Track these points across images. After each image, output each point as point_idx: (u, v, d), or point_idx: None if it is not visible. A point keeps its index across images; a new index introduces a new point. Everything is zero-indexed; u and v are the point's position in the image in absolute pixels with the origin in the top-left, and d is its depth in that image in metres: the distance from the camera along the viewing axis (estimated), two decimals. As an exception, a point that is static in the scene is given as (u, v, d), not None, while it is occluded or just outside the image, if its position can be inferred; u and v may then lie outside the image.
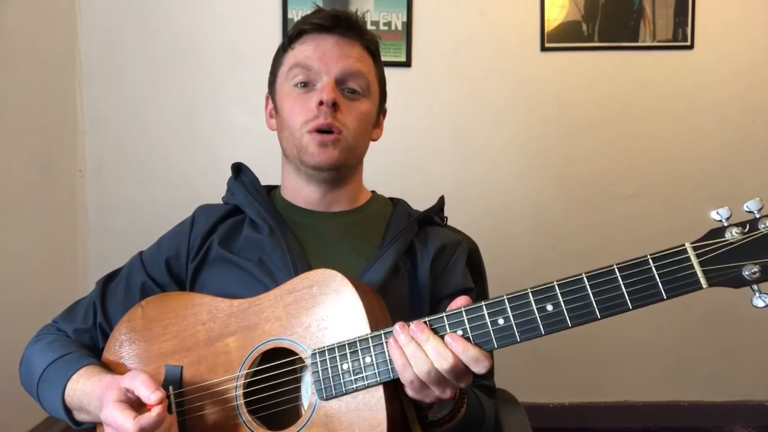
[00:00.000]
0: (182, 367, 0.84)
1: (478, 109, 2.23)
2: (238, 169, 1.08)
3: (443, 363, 0.67)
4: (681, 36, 2.20)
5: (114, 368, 0.88)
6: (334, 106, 0.92)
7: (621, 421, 2.30)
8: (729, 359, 2.31)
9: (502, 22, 2.21)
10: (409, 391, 0.72)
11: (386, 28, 2.17)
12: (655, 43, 2.21)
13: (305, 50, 0.96)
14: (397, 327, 0.71)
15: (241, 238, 0.97)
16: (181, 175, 2.20)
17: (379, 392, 0.72)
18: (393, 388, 0.74)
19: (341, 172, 0.98)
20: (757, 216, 0.61)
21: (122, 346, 0.89)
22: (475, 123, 2.23)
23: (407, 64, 2.19)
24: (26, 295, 1.86)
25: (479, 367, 0.68)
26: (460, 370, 0.68)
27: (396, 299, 0.88)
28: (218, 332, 0.84)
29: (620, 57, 2.22)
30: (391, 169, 2.19)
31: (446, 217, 1.08)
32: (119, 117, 2.19)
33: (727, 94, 2.22)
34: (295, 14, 2.15)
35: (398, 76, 2.20)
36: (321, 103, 0.91)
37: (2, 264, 1.77)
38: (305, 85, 0.95)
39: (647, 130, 2.23)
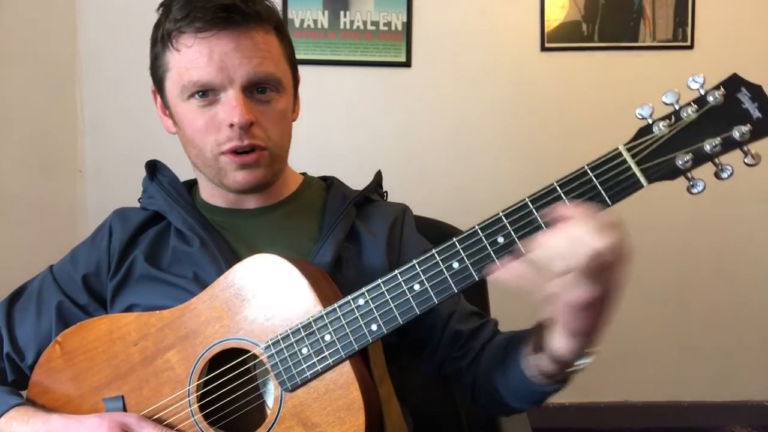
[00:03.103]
0: (123, 397, 0.76)
1: (478, 110, 2.23)
2: (154, 168, 0.96)
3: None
4: (681, 36, 2.20)
5: None
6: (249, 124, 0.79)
7: (621, 421, 2.30)
8: (729, 359, 2.31)
9: (502, 22, 2.21)
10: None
11: (386, 28, 2.17)
12: (655, 43, 2.21)
13: (195, 59, 0.78)
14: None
15: (168, 251, 0.86)
16: (181, 176, 2.19)
17: (345, 367, 0.68)
18: (358, 358, 0.70)
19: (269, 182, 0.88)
20: (677, 107, 0.61)
21: (46, 392, 0.80)
22: (475, 123, 2.23)
23: (407, 64, 2.19)
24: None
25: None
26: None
27: (346, 290, 0.77)
28: (154, 349, 0.76)
29: (620, 57, 2.21)
30: (391, 169, 2.18)
31: (386, 192, 1.00)
32: (119, 117, 2.18)
33: (727, 94, 2.21)
34: (295, 15, 2.15)
35: (398, 76, 2.20)
36: (232, 124, 0.78)
37: (2, 264, 1.77)
38: (204, 94, 0.80)
39: (647, 130, 2.22)
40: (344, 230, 0.87)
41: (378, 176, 0.99)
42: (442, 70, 2.21)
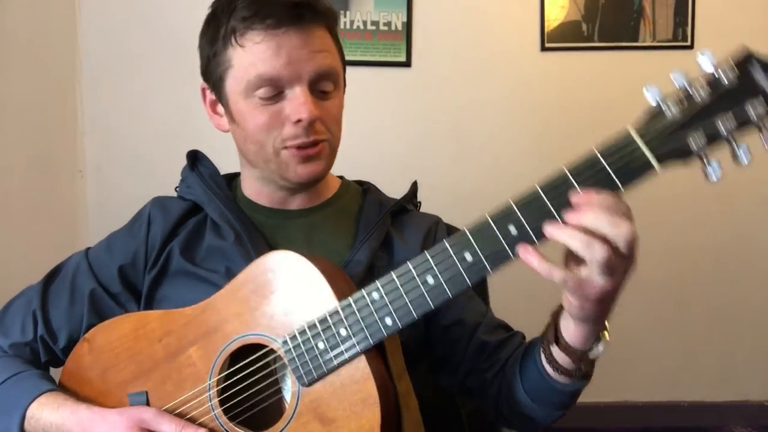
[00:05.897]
0: (147, 392, 0.78)
1: (478, 110, 2.23)
2: (195, 158, 0.96)
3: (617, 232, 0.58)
4: (681, 36, 2.20)
5: None
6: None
7: (621, 421, 2.30)
8: (729, 359, 2.31)
9: (502, 22, 2.21)
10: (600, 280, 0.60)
11: (386, 28, 2.17)
12: (655, 43, 2.21)
13: (264, 54, 0.78)
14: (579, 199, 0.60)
15: (203, 245, 0.87)
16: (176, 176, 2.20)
17: (361, 362, 0.69)
18: (374, 353, 0.71)
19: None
20: (687, 87, 0.60)
21: (77, 386, 0.82)
22: (475, 123, 2.23)
23: (407, 64, 2.19)
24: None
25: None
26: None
27: None
28: (177, 346, 0.78)
29: (620, 57, 2.22)
30: (391, 170, 2.19)
31: (419, 203, 1.01)
32: (119, 117, 2.19)
33: (727, 94, 2.22)
34: (295, 14, 2.15)
35: (398, 76, 2.20)
36: (299, 120, 0.79)
37: (1, 264, 1.77)
38: (270, 91, 0.81)
39: (647, 130, 2.23)
40: (379, 239, 0.88)
41: (414, 187, 1.00)
42: (442, 70, 2.21)
